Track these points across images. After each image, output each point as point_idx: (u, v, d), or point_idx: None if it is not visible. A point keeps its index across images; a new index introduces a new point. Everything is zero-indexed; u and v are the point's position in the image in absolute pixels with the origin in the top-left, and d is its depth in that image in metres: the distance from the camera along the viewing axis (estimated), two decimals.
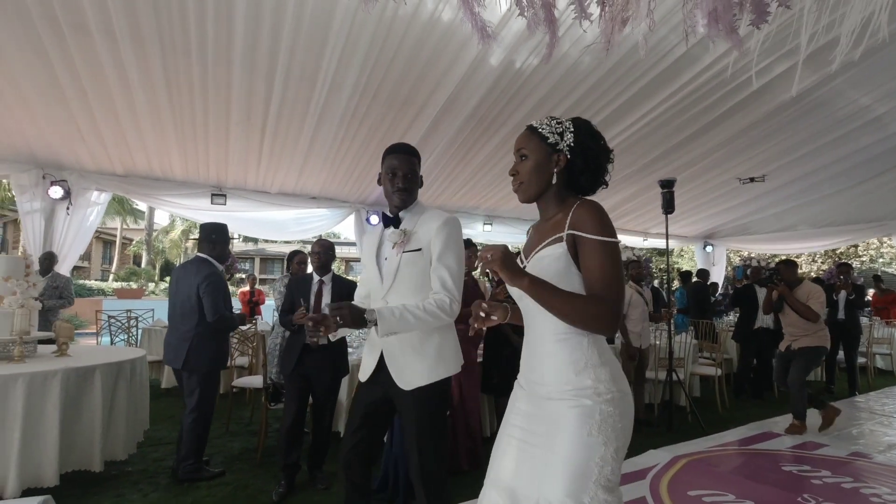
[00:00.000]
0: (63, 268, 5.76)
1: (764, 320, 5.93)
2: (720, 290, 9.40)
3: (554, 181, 1.38)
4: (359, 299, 2.09)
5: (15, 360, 3.00)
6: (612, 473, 1.24)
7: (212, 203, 6.37)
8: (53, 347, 3.44)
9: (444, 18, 3.70)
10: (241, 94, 4.53)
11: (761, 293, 5.88)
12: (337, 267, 33.22)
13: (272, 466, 3.42)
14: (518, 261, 1.39)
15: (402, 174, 1.91)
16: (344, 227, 7.83)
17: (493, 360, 3.89)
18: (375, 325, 1.67)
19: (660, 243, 9.57)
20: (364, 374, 1.93)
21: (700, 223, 9.79)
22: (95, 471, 2.99)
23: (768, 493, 3.06)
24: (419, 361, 1.83)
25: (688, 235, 10.70)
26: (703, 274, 8.46)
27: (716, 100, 4.96)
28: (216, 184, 6.39)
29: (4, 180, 9.14)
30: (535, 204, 1.48)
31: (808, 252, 19.12)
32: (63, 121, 4.78)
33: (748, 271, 6.60)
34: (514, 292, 1.41)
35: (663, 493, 3.03)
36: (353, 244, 11.19)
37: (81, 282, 17.34)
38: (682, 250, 20.18)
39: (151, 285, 20.52)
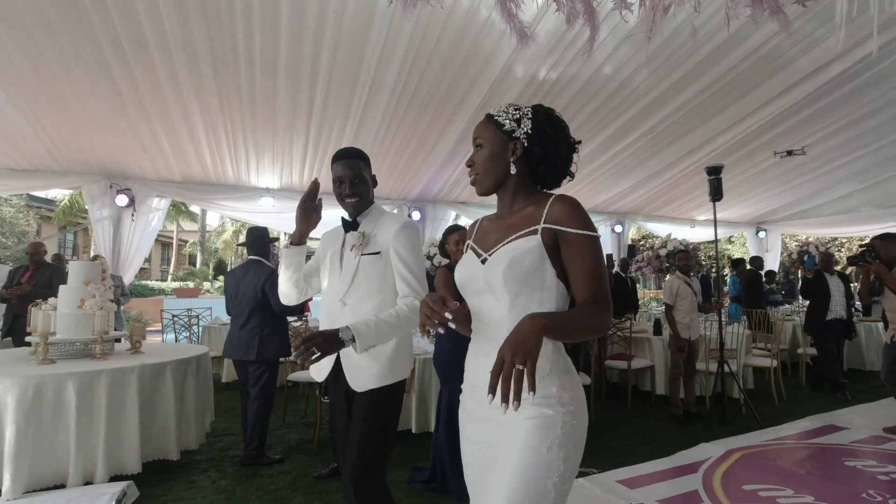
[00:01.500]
0: (129, 270, 6.19)
1: (836, 311, 5.60)
2: (777, 278, 8.99)
3: (512, 171, 1.27)
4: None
5: (97, 357, 3.28)
6: (566, 494, 1.14)
7: (261, 204, 6.65)
8: (126, 345, 3.72)
9: (480, 16, 3.73)
10: (287, 99, 4.72)
11: (832, 281, 5.60)
12: None
13: (328, 456, 3.60)
14: (473, 255, 1.31)
15: (349, 180, 1.88)
16: None
17: None
18: (353, 341, 1.61)
19: (709, 231, 9.27)
20: (321, 375, 1.93)
21: (751, 207, 9.40)
22: (172, 459, 3.23)
23: (830, 489, 2.97)
24: (374, 364, 1.82)
25: (739, 221, 10.29)
26: (757, 261, 8.13)
27: (763, 78, 4.76)
28: (265, 186, 6.66)
29: (77, 191, 9.79)
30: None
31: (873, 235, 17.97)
32: (126, 134, 5.11)
33: (818, 259, 6.22)
34: (476, 286, 1.27)
35: (717, 486, 2.99)
36: None
37: (144, 282, 18.44)
38: (732, 237, 19.38)
39: (206, 284, 21.55)
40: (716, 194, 4.59)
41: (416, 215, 7.40)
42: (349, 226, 1.93)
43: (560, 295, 1.21)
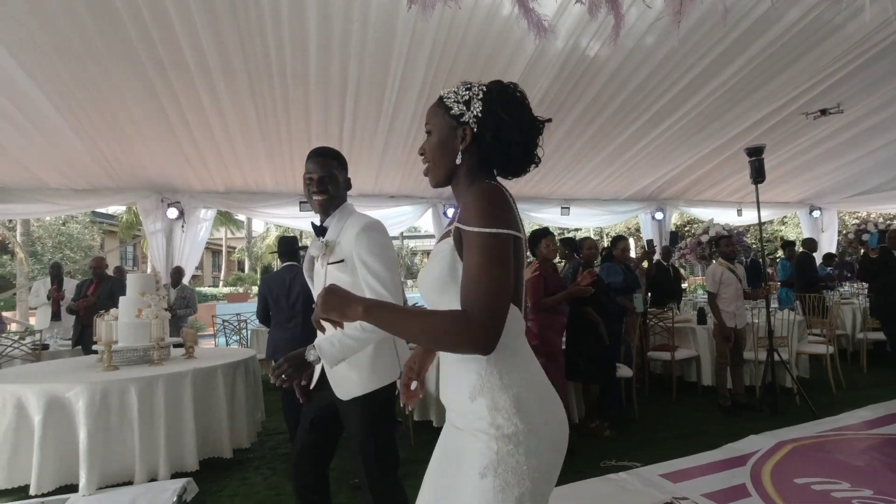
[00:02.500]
0: (185, 279, 6.53)
1: None
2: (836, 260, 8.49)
3: (458, 161, 1.12)
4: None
5: (154, 363, 3.51)
6: None
7: (300, 210, 6.87)
8: (182, 350, 3.95)
9: (503, 12, 3.72)
10: (319, 107, 4.86)
11: None
12: (420, 260, 34.19)
13: None
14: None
15: (318, 178, 1.85)
16: (423, 222, 8.10)
17: (576, 347, 3.90)
18: (319, 361, 1.65)
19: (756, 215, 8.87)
20: (312, 384, 1.94)
21: (802, 186, 8.91)
22: (226, 457, 3.43)
23: (892, 482, 2.82)
24: (354, 372, 1.82)
25: (790, 201, 9.77)
26: (810, 243, 7.72)
27: (804, 52, 4.51)
28: (301, 193, 6.87)
29: (132, 206, 10.41)
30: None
31: None
32: (172, 150, 5.40)
33: (885, 236, 5.80)
34: (424, 295, 1.18)
35: (766, 480, 2.89)
36: (432, 237, 11.44)
37: (197, 289, 19.36)
38: (785, 218, 18.41)
39: (254, 289, 22.41)
40: (757, 176, 4.41)
41: (450, 212, 7.45)
42: (317, 231, 1.90)
43: None
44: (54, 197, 5.94)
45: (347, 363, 1.76)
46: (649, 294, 5.63)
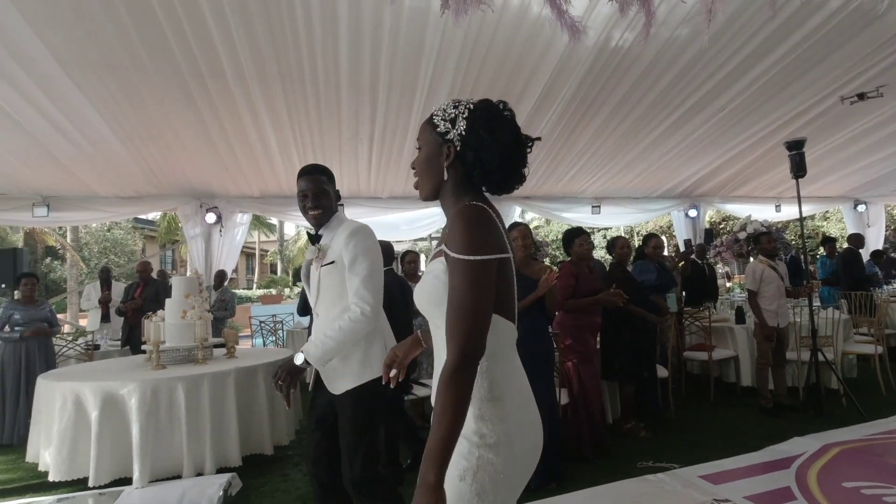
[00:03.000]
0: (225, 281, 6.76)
1: None
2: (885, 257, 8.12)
3: (445, 177, 1.16)
4: None
5: (199, 362, 3.65)
6: None
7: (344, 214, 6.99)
8: (222, 350, 4.10)
9: (532, 12, 3.72)
10: (350, 111, 4.95)
11: None
12: None
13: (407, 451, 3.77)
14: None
15: (312, 195, 1.97)
16: None
17: (611, 346, 3.86)
18: (305, 362, 1.82)
19: (796, 210, 8.58)
20: (309, 381, 2.10)
21: (845, 180, 8.54)
22: (267, 454, 3.54)
23: None
24: (345, 367, 1.94)
25: (833, 196, 9.40)
26: (856, 239, 7.41)
27: (847, 40, 4.34)
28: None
29: (172, 212, 10.83)
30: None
31: None
32: (210, 156, 5.60)
33: None
34: (420, 308, 1.21)
35: (812, 484, 2.81)
36: None
37: (233, 291, 19.93)
38: (827, 213, 17.68)
39: (287, 290, 22.90)
40: (798, 170, 4.28)
41: None
42: (312, 239, 2.03)
43: None
44: (102, 204, 6.24)
45: (339, 359, 1.91)
46: (683, 293, 5.53)
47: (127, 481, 3.09)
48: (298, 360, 1.82)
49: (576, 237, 3.61)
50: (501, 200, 7.68)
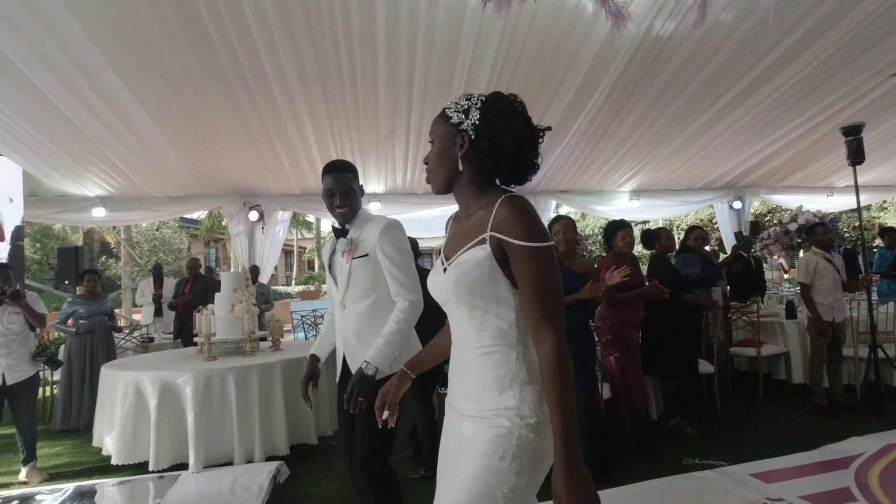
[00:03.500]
0: (264, 277, 6.98)
1: None
2: None
3: (460, 167, 1.17)
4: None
5: (247, 353, 3.79)
6: None
7: (369, 209, 7.10)
8: (267, 343, 4.23)
9: (570, 1, 3.67)
10: (387, 108, 5.01)
11: None
12: None
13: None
14: (439, 262, 1.26)
15: (340, 192, 1.98)
16: None
17: (654, 341, 3.79)
18: (376, 370, 1.79)
19: (850, 199, 8.14)
20: (337, 377, 2.09)
21: None
22: (312, 443, 3.64)
23: None
24: None
25: (891, 184, 8.87)
26: None
27: None
28: (371, 191, 7.12)
29: (217, 211, 11.25)
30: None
31: None
32: (253, 156, 5.78)
33: None
34: (438, 296, 1.24)
35: (873, 484, 2.68)
36: None
37: (273, 287, 20.54)
38: (885, 203, 16.68)
39: (324, 286, 23.45)
40: (856, 157, 4.07)
41: None
42: (339, 233, 2.05)
43: (519, 305, 1.13)
44: (153, 204, 6.54)
45: (368, 348, 1.90)
46: (728, 287, 5.34)
47: (183, 466, 3.25)
48: (370, 370, 1.80)
49: (618, 230, 3.55)
50: (537, 195, 7.62)
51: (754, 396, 4.55)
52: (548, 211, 7.78)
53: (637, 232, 5.09)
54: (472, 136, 1.14)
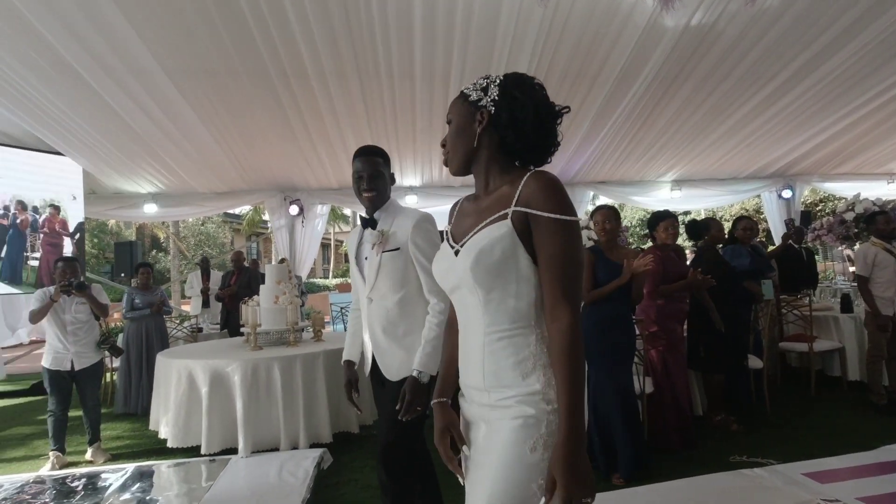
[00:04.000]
0: (304, 270, 7.17)
1: None
2: None
3: (476, 143, 1.14)
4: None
5: (290, 344, 3.91)
6: None
7: (406, 202, 7.17)
8: (307, 334, 4.35)
9: None
10: (424, 103, 5.04)
11: None
12: None
13: None
14: (447, 245, 1.19)
15: (367, 176, 1.93)
16: None
17: (698, 334, 3.68)
18: (431, 377, 1.77)
19: None
20: (366, 368, 2.05)
21: None
22: (354, 432, 3.74)
23: None
24: (403, 352, 1.90)
25: None
26: None
27: None
28: (408, 185, 7.18)
29: (259, 205, 11.63)
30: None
31: None
32: (293, 151, 5.93)
33: None
34: (448, 283, 1.18)
35: None
36: None
37: (311, 280, 21.05)
38: None
39: None
40: None
41: None
42: (367, 223, 1.98)
43: (539, 284, 1.08)
44: (200, 200, 6.82)
45: (399, 344, 1.91)
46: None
47: (233, 451, 3.40)
48: (424, 378, 1.79)
49: (661, 220, 3.46)
50: (573, 186, 7.50)
51: (806, 393, 4.37)
52: (584, 202, 7.66)
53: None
54: (492, 111, 1.12)
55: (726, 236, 4.19)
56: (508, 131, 1.11)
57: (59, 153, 5.77)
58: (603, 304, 2.94)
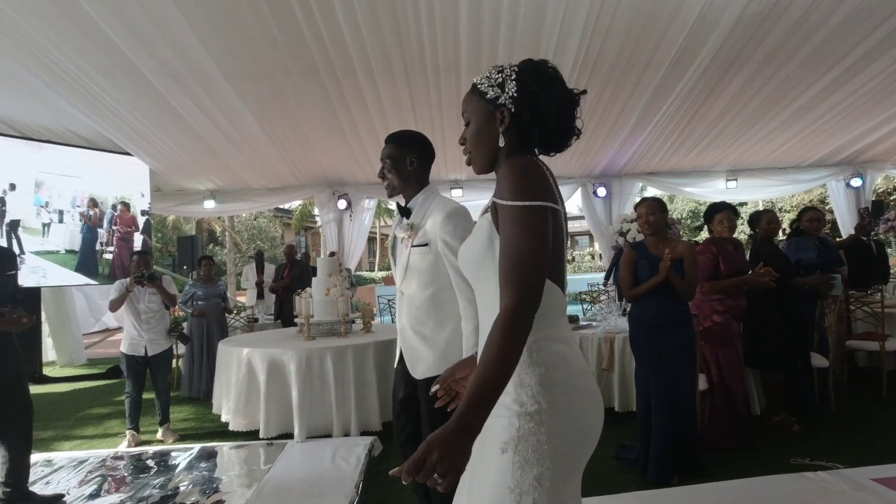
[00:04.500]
0: (352, 262, 7.36)
1: None
2: None
3: (502, 143, 1.09)
4: None
5: (341, 335, 4.04)
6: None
7: (451, 195, 7.22)
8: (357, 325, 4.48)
9: None
10: None
11: None
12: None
13: None
14: None
15: (383, 164, 1.91)
16: (569, 204, 7.96)
17: (756, 330, 3.54)
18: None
19: None
20: (396, 363, 2.01)
21: None
22: None
23: None
24: (430, 352, 1.85)
25: None
26: None
27: None
28: (454, 178, 7.22)
29: (308, 201, 11.99)
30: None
31: None
32: (342, 147, 6.09)
33: None
34: (465, 269, 1.17)
35: None
36: (580, 217, 11.19)
37: (358, 273, 21.55)
38: None
39: None
40: None
41: (601, 191, 7.20)
42: (402, 212, 1.92)
43: None
44: (254, 195, 7.13)
45: (425, 343, 1.86)
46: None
47: (288, 436, 3.56)
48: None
49: (716, 213, 3.34)
50: (622, 178, 7.32)
51: (876, 395, 4.11)
52: (632, 194, 7.46)
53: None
54: (513, 110, 1.08)
55: (784, 229, 3.99)
56: (532, 130, 1.08)
57: (128, 153, 6.17)
58: (647, 301, 2.87)
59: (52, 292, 6.83)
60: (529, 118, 1.07)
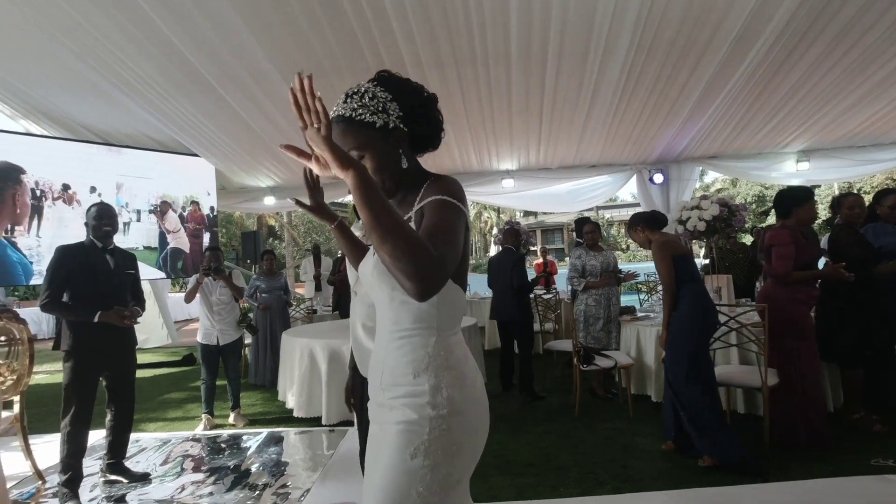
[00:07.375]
0: None
1: None
2: None
3: (405, 165, 1.11)
4: None
5: None
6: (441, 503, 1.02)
7: (503, 186, 7.19)
8: None
9: None
10: (520, 86, 4.98)
11: None
12: (616, 231, 32.41)
13: (590, 419, 3.79)
14: (371, 250, 1.16)
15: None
16: (623, 191, 7.72)
17: (832, 323, 3.32)
18: None
19: None
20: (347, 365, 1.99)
21: None
22: None
23: None
24: None
25: None
26: None
27: None
28: (504, 169, 7.17)
29: None
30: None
31: None
32: None
33: None
34: (366, 284, 1.17)
35: None
36: (631, 206, 10.84)
37: None
38: None
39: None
40: None
41: (658, 178, 6.93)
42: None
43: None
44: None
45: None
46: None
47: (349, 423, 3.71)
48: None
49: (805, 202, 3.15)
50: (681, 163, 7.02)
51: None
52: (693, 180, 7.14)
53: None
54: (405, 128, 1.11)
55: (868, 213, 3.69)
56: (423, 139, 1.15)
57: (195, 154, 6.56)
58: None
59: (150, 284, 7.53)
60: (420, 131, 1.13)
